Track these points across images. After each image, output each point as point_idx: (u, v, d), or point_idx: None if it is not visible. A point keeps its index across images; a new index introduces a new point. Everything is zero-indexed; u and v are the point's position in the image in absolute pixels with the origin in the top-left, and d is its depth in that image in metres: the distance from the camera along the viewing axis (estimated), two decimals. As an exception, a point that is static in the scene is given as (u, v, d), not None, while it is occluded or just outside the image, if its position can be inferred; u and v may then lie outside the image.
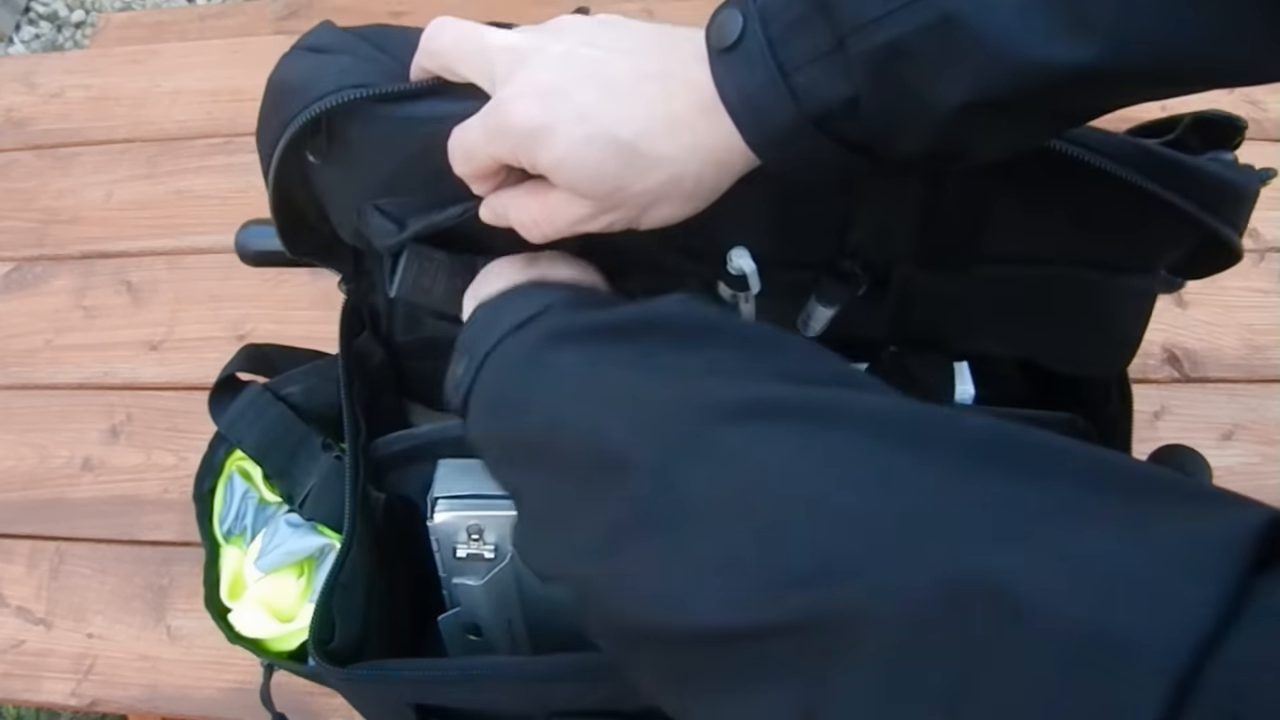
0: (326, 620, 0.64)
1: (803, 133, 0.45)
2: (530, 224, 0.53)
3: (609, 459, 0.44)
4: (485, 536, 0.69)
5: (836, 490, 0.37)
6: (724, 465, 0.40)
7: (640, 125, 0.47)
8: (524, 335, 0.51)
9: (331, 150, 0.58)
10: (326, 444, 0.71)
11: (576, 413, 0.47)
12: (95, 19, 2.61)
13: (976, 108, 0.42)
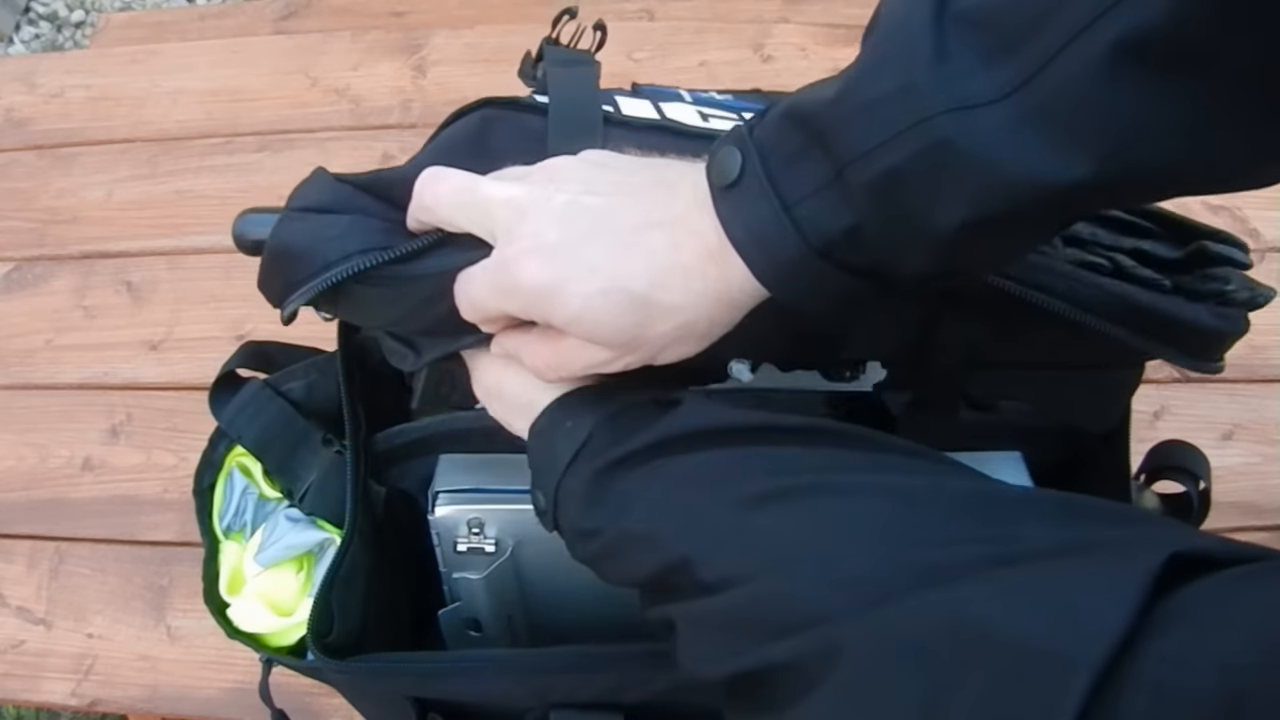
0: (325, 613, 0.64)
1: (809, 263, 0.45)
2: (544, 368, 0.54)
3: (672, 562, 0.48)
4: (486, 531, 0.69)
5: (832, 550, 0.44)
6: (746, 542, 0.46)
7: (651, 276, 0.48)
8: (578, 472, 0.53)
9: (339, 307, 0.59)
10: (327, 439, 0.71)
11: (636, 533, 0.50)
12: (95, 19, 2.61)
13: (976, 226, 0.43)
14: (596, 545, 0.53)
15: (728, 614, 0.46)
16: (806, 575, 0.44)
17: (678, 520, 0.49)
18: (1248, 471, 1.12)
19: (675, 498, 0.50)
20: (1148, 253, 0.58)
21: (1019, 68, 0.40)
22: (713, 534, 0.48)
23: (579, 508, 0.53)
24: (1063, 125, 0.40)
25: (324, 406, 0.72)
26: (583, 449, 0.53)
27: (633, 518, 0.51)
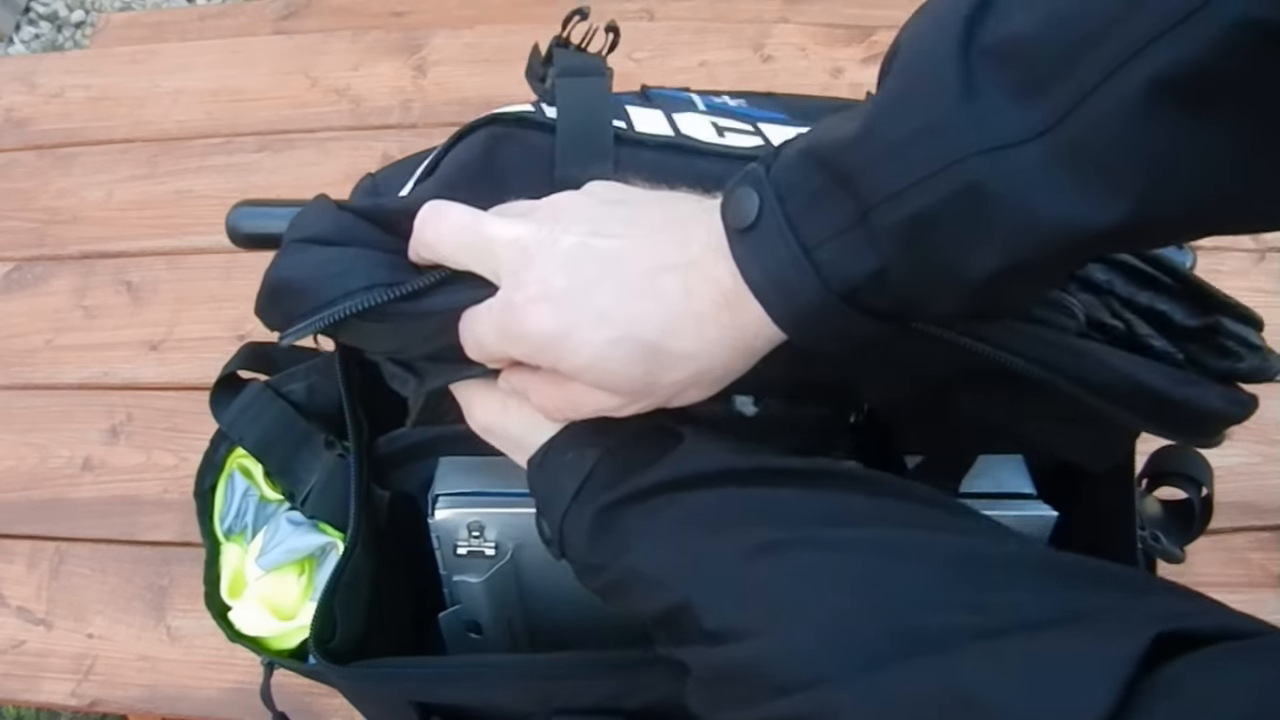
0: (328, 618, 0.64)
1: (831, 308, 0.44)
2: (553, 409, 0.53)
3: (676, 605, 0.49)
4: (486, 534, 0.69)
5: (827, 609, 0.45)
6: (745, 593, 0.47)
7: (663, 324, 0.46)
8: (582, 508, 0.52)
9: (339, 338, 0.58)
10: (329, 441, 0.71)
11: (641, 573, 0.51)
12: (95, 19, 2.61)
13: (1009, 271, 0.41)
14: (603, 579, 0.53)
15: (731, 667, 0.47)
16: (805, 634, 0.44)
17: (679, 563, 0.49)
18: (1248, 471, 1.12)
19: (677, 540, 0.50)
20: (1164, 315, 0.57)
21: (1051, 106, 0.38)
22: (713, 581, 0.48)
23: (584, 542, 0.53)
24: (1098, 165, 0.38)
25: (325, 408, 0.72)
26: (585, 483, 0.53)
27: (637, 556, 0.51)
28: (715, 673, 0.48)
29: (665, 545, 0.50)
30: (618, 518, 0.52)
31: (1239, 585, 1.05)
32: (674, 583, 0.49)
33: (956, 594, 0.43)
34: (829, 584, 0.45)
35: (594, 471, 0.53)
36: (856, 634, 0.43)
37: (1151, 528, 0.71)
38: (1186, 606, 0.42)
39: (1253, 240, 1.26)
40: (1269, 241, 1.26)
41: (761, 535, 0.48)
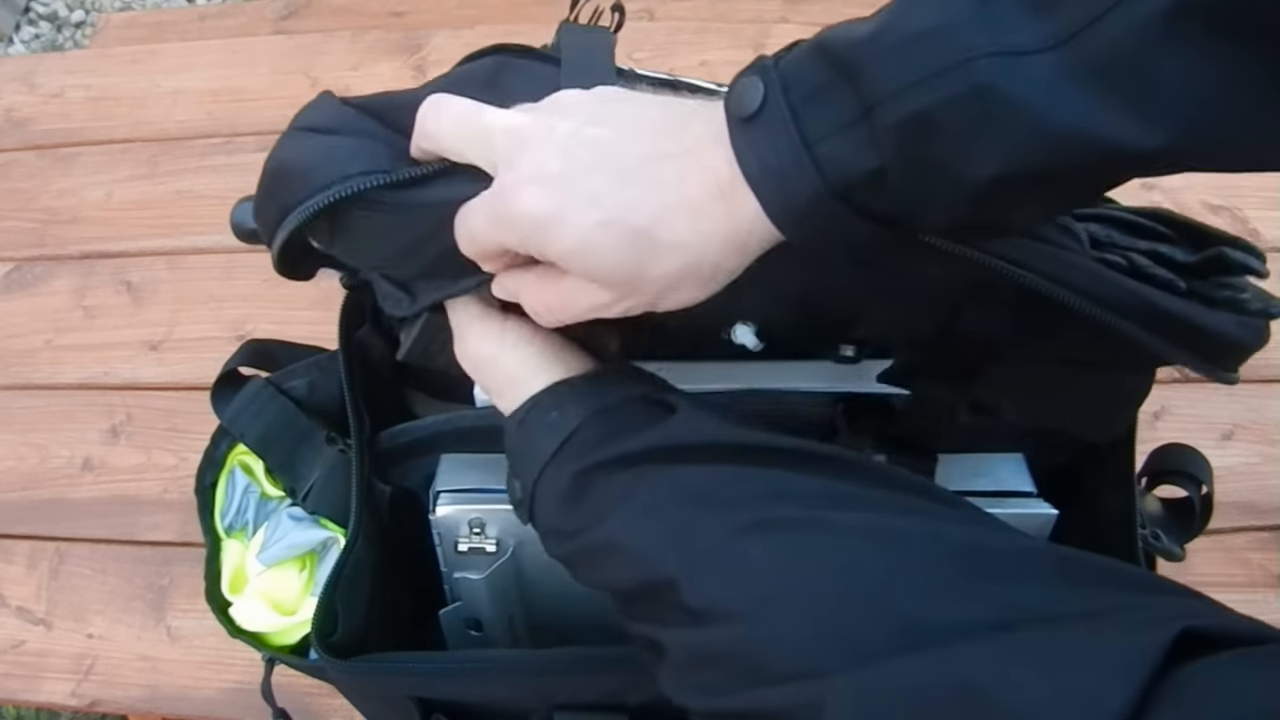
0: (330, 613, 0.64)
1: (826, 206, 0.43)
2: (544, 310, 0.52)
3: (654, 577, 0.48)
4: (487, 530, 0.69)
5: (825, 597, 0.43)
6: (736, 574, 0.46)
7: (654, 211, 0.45)
8: (561, 468, 0.52)
9: (335, 236, 0.56)
10: (330, 438, 0.71)
11: (619, 543, 0.50)
12: (95, 19, 2.61)
13: (1009, 180, 0.41)
14: (574, 546, 0.53)
15: (717, 650, 0.46)
16: (798, 623, 0.43)
17: (664, 536, 0.48)
18: (1248, 471, 1.12)
19: (663, 511, 0.49)
20: (1163, 255, 0.57)
21: (1067, 20, 0.38)
22: (701, 558, 0.47)
23: (559, 505, 0.52)
24: (1113, 84, 0.37)
25: (326, 405, 0.72)
26: (567, 443, 0.52)
27: (617, 526, 0.50)
28: (695, 654, 0.47)
29: (650, 516, 0.49)
30: (599, 482, 0.51)
31: (1239, 585, 1.05)
32: (657, 556, 0.48)
33: (963, 586, 0.42)
34: (826, 569, 0.44)
35: (577, 431, 0.52)
36: (855, 624, 0.42)
37: (1151, 526, 0.71)
38: (1201, 608, 0.41)
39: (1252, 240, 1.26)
40: (1269, 241, 1.26)
41: (754, 513, 0.47)
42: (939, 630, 0.40)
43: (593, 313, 0.50)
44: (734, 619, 0.45)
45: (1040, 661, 0.37)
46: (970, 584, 0.42)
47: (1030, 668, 0.37)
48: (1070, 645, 0.38)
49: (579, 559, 0.53)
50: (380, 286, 0.60)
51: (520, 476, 0.55)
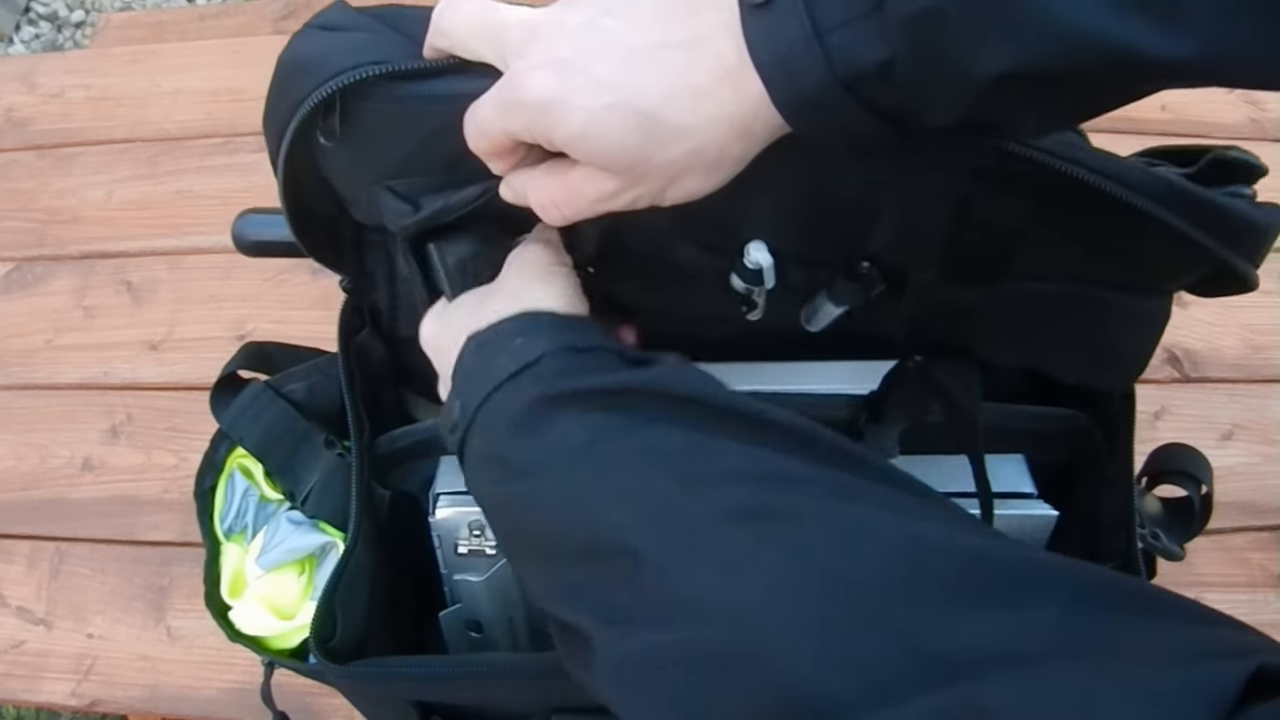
0: (329, 618, 0.64)
1: (833, 96, 0.43)
2: (550, 205, 0.51)
3: (610, 546, 0.44)
4: (487, 533, 0.69)
5: (837, 614, 0.39)
6: (725, 565, 0.41)
7: (661, 94, 0.45)
8: (518, 390, 0.49)
9: (343, 132, 0.56)
10: (329, 441, 0.71)
11: (575, 494, 0.46)
12: (95, 19, 2.61)
13: (1016, 79, 0.40)
14: (510, 487, 0.48)
15: (694, 654, 0.41)
16: (810, 640, 0.38)
17: (634, 501, 0.44)
18: (1248, 471, 1.12)
19: (635, 470, 0.45)
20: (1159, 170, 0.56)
21: None
22: (678, 538, 0.43)
23: (504, 431, 0.49)
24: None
25: (325, 408, 0.72)
26: (528, 368, 0.49)
27: (571, 471, 0.46)
28: (658, 655, 0.42)
29: (618, 472, 0.45)
30: (560, 414, 0.48)
31: (1239, 585, 1.05)
32: (619, 521, 0.44)
33: (984, 602, 0.38)
34: (835, 577, 0.40)
35: (543, 360, 0.50)
36: (872, 648, 0.37)
37: (1151, 526, 0.71)
38: (1265, 644, 0.36)
39: (1252, 240, 1.26)
40: (1269, 241, 1.26)
41: (748, 496, 0.43)
42: (964, 658, 0.36)
43: (599, 205, 0.50)
44: (722, 621, 0.41)
45: (1081, 701, 0.34)
46: (992, 602, 0.38)
47: (1069, 709, 0.33)
48: (1107, 681, 0.34)
49: (510, 502, 0.49)
50: (384, 202, 0.59)
51: (462, 396, 0.51)
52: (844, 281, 0.63)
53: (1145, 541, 0.70)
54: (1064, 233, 0.59)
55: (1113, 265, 0.61)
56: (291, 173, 0.58)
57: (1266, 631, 0.36)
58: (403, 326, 0.76)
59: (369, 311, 0.74)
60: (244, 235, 0.63)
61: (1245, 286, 0.58)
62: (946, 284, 0.62)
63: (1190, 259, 0.58)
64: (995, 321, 0.65)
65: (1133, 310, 0.63)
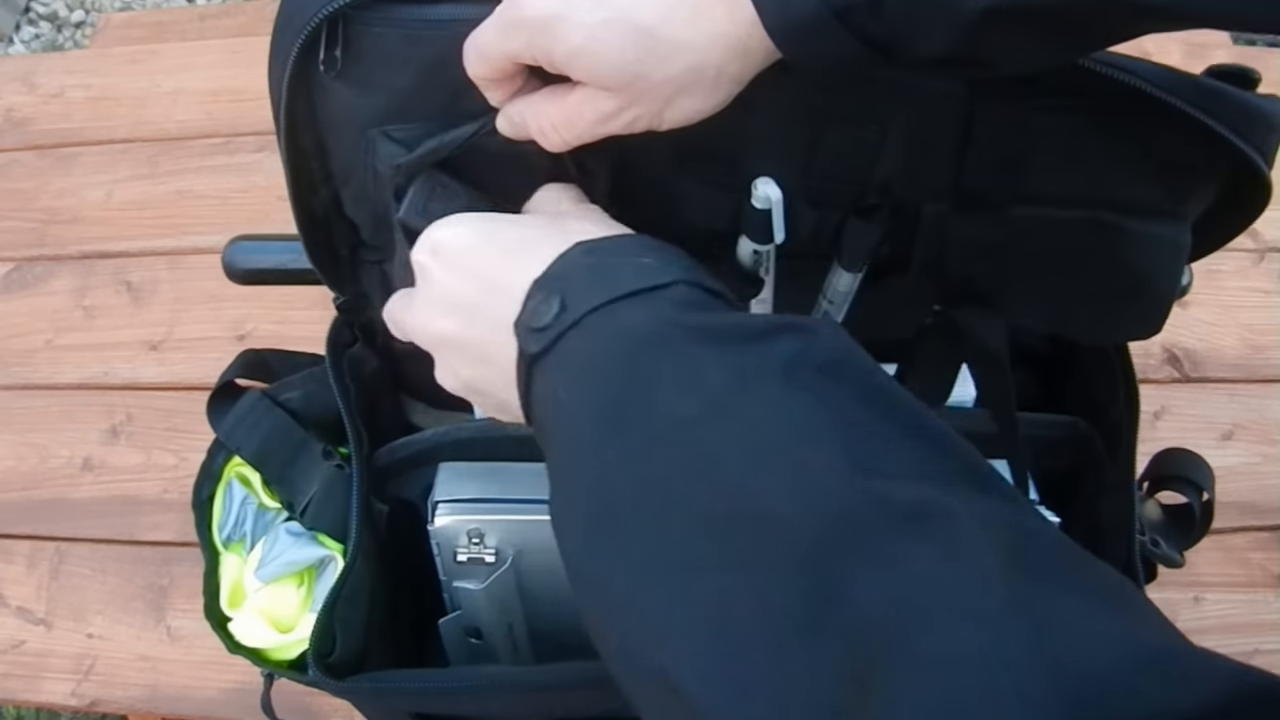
0: (327, 633, 0.64)
1: (824, 24, 0.44)
2: (550, 129, 0.51)
3: (762, 517, 0.36)
4: (486, 540, 0.69)
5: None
6: (890, 574, 0.33)
7: (658, 10, 0.46)
8: (651, 308, 0.43)
9: (345, 62, 0.55)
10: (327, 451, 0.71)
11: (708, 447, 0.38)
12: (95, 19, 2.60)
13: (1001, 14, 0.41)
14: (623, 408, 0.41)
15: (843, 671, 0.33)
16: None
17: (780, 469, 0.37)
18: (1248, 471, 1.12)
19: (781, 433, 0.38)
20: None
21: None
22: (854, 537, 0.34)
23: (635, 353, 0.42)
24: None
25: (322, 416, 0.72)
26: (657, 289, 0.44)
27: (704, 420, 0.39)
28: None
29: (766, 435, 0.38)
30: (699, 351, 0.41)
31: (1239, 585, 1.05)
32: (764, 490, 0.36)
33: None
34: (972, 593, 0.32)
35: (674, 286, 0.44)
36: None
37: (1151, 532, 0.71)
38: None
39: (1252, 240, 1.26)
40: (1269, 241, 1.26)
41: (916, 494, 0.35)
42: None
43: (598, 127, 0.49)
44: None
45: None
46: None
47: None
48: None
49: (612, 424, 0.41)
50: (380, 148, 0.59)
51: (565, 295, 0.45)
52: (855, 222, 0.62)
53: (1145, 548, 0.70)
54: (1070, 140, 0.58)
55: (1121, 179, 0.60)
56: (293, 120, 0.58)
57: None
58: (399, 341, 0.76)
59: (361, 328, 0.74)
60: (235, 263, 0.63)
61: (1261, 189, 0.57)
62: (958, 216, 0.61)
63: (1201, 155, 0.57)
64: (1014, 261, 0.63)
65: (1151, 238, 0.61)
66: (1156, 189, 0.60)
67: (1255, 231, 1.25)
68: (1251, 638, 1.02)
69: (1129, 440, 0.70)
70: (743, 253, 0.61)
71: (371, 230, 0.66)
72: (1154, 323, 0.65)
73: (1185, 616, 1.03)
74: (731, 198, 0.59)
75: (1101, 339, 0.71)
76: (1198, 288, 0.77)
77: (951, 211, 0.61)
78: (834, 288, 0.66)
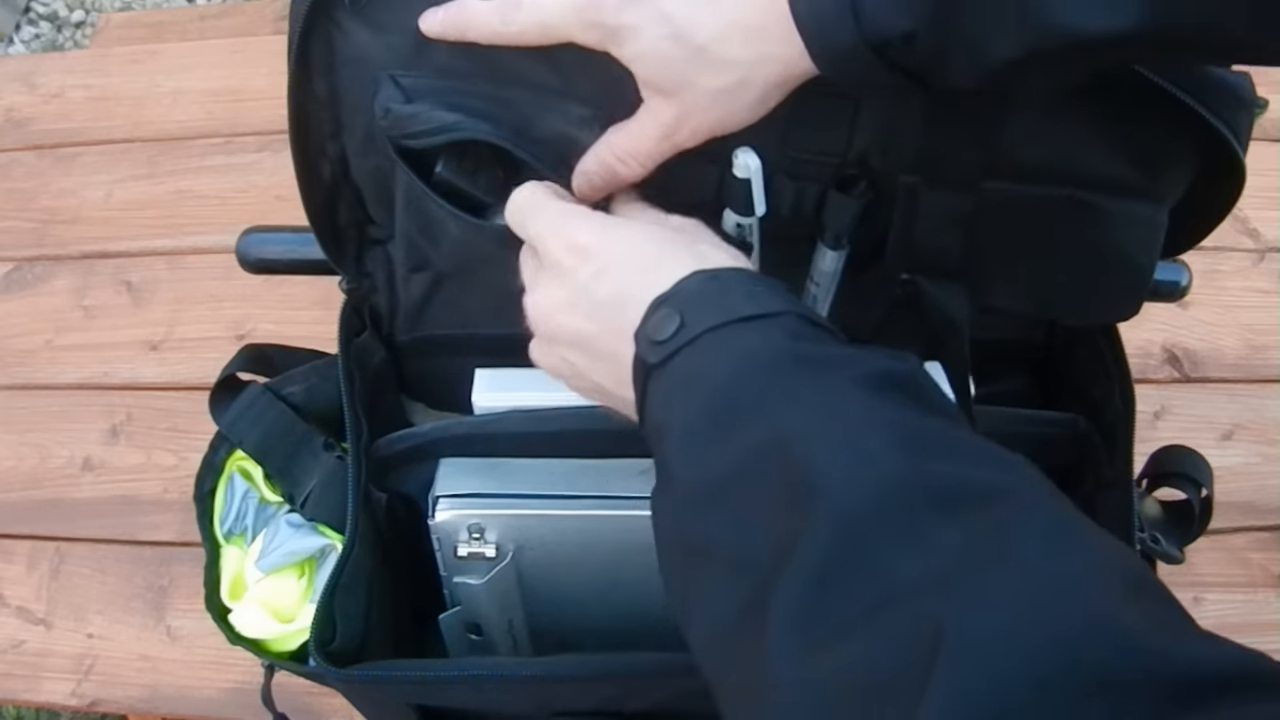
0: (328, 621, 0.64)
1: (861, 57, 0.48)
2: (619, 160, 0.57)
3: (809, 495, 0.40)
4: (486, 535, 0.69)
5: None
6: (926, 552, 0.37)
7: (714, 31, 0.51)
8: (764, 334, 0.47)
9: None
10: (328, 444, 0.71)
11: (808, 448, 0.42)
12: (95, 19, 2.61)
13: (1024, 64, 0.47)
14: (730, 420, 0.45)
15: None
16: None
17: (845, 458, 0.41)
18: (1248, 471, 1.12)
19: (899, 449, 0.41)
20: None
21: None
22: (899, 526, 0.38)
23: (747, 372, 0.46)
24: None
25: (324, 410, 0.72)
26: (768, 318, 0.47)
27: (810, 431, 0.43)
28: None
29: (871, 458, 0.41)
30: (803, 375, 0.45)
31: (1239, 585, 1.05)
32: (824, 480, 0.40)
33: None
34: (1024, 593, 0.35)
35: (783, 316, 0.48)
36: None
37: (1150, 529, 0.71)
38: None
39: (1252, 240, 1.26)
40: (1269, 241, 1.26)
41: (954, 471, 0.40)
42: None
43: (664, 141, 0.55)
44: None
45: None
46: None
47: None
48: None
49: (718, 426, 0.45)
50: (384, 90, 0.61)
51: (685, 313, 0.48)
52: (835, 195, 0.63)
53: (1145, 545, 0.70)
54: (1043, 112, 0.60)
55: (1096, 151, 0.61)
56: (306, 65, 0.61)
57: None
58: (401, 331, 0.76)
59: (369, 314, 0.74)
60: (248, 253, 0.64)
61: (1235, 168, 0.58)
62: (930, 188, 0.62)
63: (1172, 131, 0.58)
64: (990, 238, 0.64)
65: (1126, 216, 0.62)
66: (1129, 166, 0.61)
67: (1255, 231, 1.26)
68: (1252, 638, 1.00)
69: (1126, 437, 0.70)
70: (727, 226, 0.63)
71: (375, 197, 0.68)
72: (1132, 302, 0.67)
73: (1185, 616, 1.03)
74: (713, 170, 0.61)
75: (1079, 318, 0.72)
76: (1198, 288, 0.77)
77: (922, 184, 0.62)
78: (819, 269, 0.66)
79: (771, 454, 0.43)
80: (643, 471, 0.69)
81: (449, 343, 0.76)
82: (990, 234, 0.64)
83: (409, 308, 0.74)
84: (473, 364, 0.73)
